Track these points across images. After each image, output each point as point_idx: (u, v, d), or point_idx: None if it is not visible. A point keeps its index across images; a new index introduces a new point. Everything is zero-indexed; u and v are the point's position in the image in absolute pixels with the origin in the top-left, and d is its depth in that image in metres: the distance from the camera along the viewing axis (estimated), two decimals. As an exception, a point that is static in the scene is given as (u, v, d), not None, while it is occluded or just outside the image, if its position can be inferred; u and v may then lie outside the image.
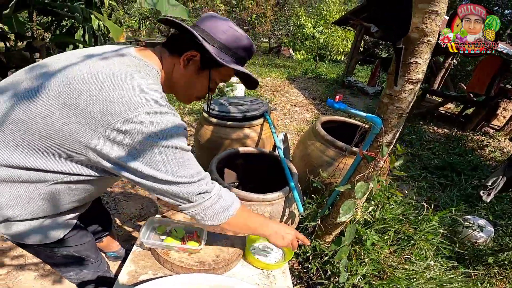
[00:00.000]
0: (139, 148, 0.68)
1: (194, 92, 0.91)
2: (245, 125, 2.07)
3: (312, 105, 5.43)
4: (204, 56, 0.82)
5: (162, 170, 0.72)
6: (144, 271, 1.02)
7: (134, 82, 0.71)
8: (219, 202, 0.85)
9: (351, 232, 1.30)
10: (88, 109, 0.66)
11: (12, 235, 0.84)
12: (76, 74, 0.70)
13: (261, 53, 12.35)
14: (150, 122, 0.68)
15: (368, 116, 1.20)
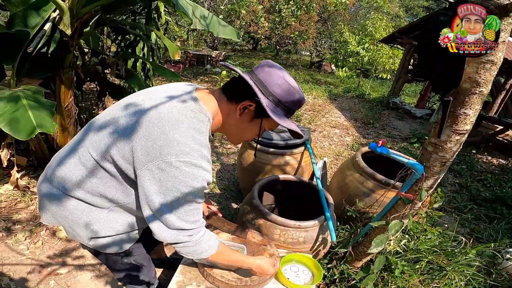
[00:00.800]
0: (164, 186, 0.82)
1: (245, 137, 1.02)
2: (286, 152, 2.23)
3: (353, 128, 5.40)
4: (259, 108, 0.89)
5: (173, 207, 0.85)
6: (190, 282, 1.21)
7: (186, 129, 0.82)
8: (195, 246, 0.96)
9: (381, 262, 1.38)
10: (147, 145, 0.81)
11: (97, 246, 1.07)
12: (155, 114, 0.84)
13: (302, 67, 12.47)
14: (184, 171, 0.81)
15: (409, 163, 1.28)
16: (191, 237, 0.93)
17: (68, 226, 1.01)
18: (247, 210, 1.70)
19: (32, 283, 1.78)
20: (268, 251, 1.39)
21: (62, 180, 0.93)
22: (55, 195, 0.96)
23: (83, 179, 0.91)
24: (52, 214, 1.00)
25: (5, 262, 1.91)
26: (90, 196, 0.94)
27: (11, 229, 2.18)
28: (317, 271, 1.36)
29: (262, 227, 1.59)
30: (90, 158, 0.89)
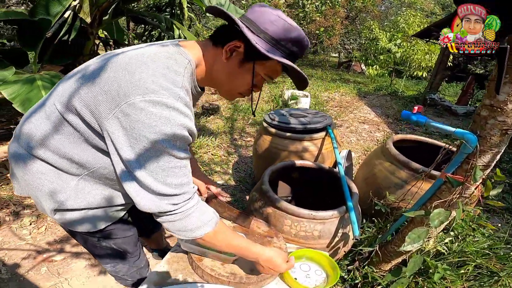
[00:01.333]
0: (131, 135, 0.66)
1: (236, 87, 0.83)
2: (304, 137, 1.97)
3: (385, 124, 4.97)
4: (249, 48, 0.74)
5: (145, 163, 0.68)
6: (175, 274, 0.99)
7: (156, 67, 0.68)
8: (183, 220, 0.76)
9: (416, 263, 1.07)
10: (110, 89, 0.67)
11: (65, 222, 0.90)
12: (117, 58, 0.72)
13: (329, 68, 12.05)
14: (150, 112, 0.64)
15: (457, 132, 0.99)
16: (176, 207, 0.74)
17: (34, 196, 0.86)
18: (256, 197, 1.46)
19: (23, 269, 1.67)
20: (273, 244, 1.14)
21: (28, 137, 0.80)
22: (20, 155, 0.83)
23: (47, 135, 0.77)
24: (19, 180, 0.86)
25: (4, 246, 1.84)
26: (56, 157, 0.79)
27: (19, 214, 2.12)
28: (333, 272, 1.08)
29: (271, 216, 1.34)
30: (54, 110, 0.76)
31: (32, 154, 0.80)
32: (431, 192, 1.14)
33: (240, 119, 4.37)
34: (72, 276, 1.65)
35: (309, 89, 6.87)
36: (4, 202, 2.20)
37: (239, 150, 3.40)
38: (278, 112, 2.30)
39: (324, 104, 5.78)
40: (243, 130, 3.99)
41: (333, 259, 1.11)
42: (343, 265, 1.52)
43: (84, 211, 0.88)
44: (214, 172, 2.85)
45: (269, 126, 2.08)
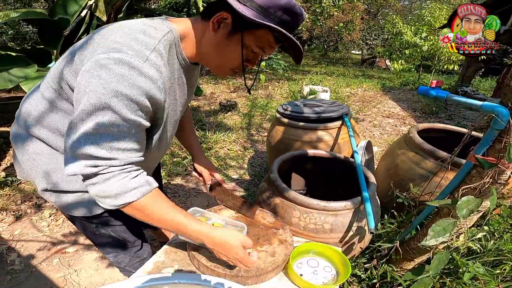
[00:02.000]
0: (84, 90, 0.61)
1: (227, 61, 0.78)
2: (318, 127, 1.85)
3: (411, 118, 4.68)
4: (235, 17, 0.71)
5: (83, 121, 0.62)
6: (171, 265, 0.93)
7: (130, 32, 0.66)
8: (102, 184, 0.67)
9: (441, 260, 0.93)
10: (85, 51, 0.68)
11: (62, 206, 0.89)
12: (106, 27, 0.71)
13: (352, 65, 11.68)
14: (110, 69, 0.60)
15: (485, 105, 0.86)
16: (98, 169, 0.65)
17: (32, 177, 0.87)
18: (264, 188, 1.38)
19: (36, 261, 1.70)
20: (278, 236, 1.05)
21: (26, 116, 0.82)
22: (19, 135, 0.85)
23: (43, 113, 0.79)
24: (18, 162, 0.89)
25: (22, 238, 1.88)
26: (51, 135, 0.80)
27: (41, 206, 2.19)
28: (344, 268, 0.97)
29: (279, 207, 1.25)
30: (49, 88, 0.77)
31: (30, 134, 0.82)
32: (459, 179, 0.99)
33: (257, 115, 4.30)
34: (82, 268, 1.65)
35: (329, 85, 6.66)
36: (27, 195, 2.27)
37: (255, 145, 3.33)
38: (292, 103, 2.20)
39: (345, 99, 5.56)
40: (260, 126, 3.92)
41: (344, 255, 1.00)
42: (359, 263, 1.39)
43: (79, 194, 0.87)
44: (229, 166, 2.80)
45: (281, 117, 1.99)
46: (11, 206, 2.14)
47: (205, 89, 5.78)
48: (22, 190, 2.33)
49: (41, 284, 1.55)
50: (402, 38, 8.94)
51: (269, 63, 6.83)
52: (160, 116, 0.75)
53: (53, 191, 0.86)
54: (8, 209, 2.10)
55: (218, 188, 1.21)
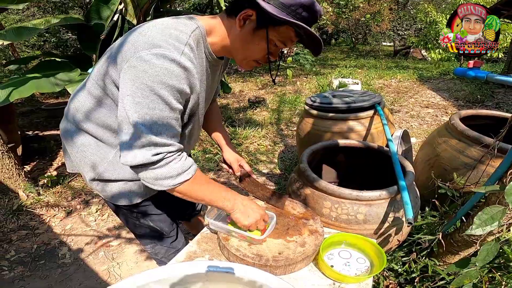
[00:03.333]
0: (134, 85, 0.68)
1: (252, 54, 0.84)
2: (349, 117, 1.79)
3: (454, 107, 4.36)
4: (260, 14, 0.76)
5: (142, 110, 0.69)
6: (202, 254, 0.95)
7: (164, 28, 0.73)
8: (164, 167, 0.74)
9: (490, 252, 0.85)
10: (125, 49, 0.73)
11: (107, 195, 0.98)
12: (139, 28, 0.77)
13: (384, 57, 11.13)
14: (154, 64, 0.67)
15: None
16: (161, 156, 0.73)
17: (80, 169, 0.97)
18: (294, 179, 1.36)
19: (85, 254, 1.84)
20: (309, 226, 1.03)
21: (74, 112, 0.91)
22: (68, 130, 0.93)
23: (90, 109, 0.87)
24: (69, 156, 0.98)
25: (72, 232, 2.05)
26: (98, 129, 0.89)
27: (89, 202, 2.37)
28: (378, 260, 0.92)
29: (309, 198, 1.23)
30: (95, 85, 0.85)
31: (78, 128, 0.91)
32: (507, 163, 0.90)
33: (286, 110, 4.27)
34: (123, 261, 1.76)
35: (360, 77, 6.41)
36: (77, 192, 2.47)
37: (285, 140, 3.31)
38: (320, 95, 2.15)
39: (378, 91, 5.33)
40: (289, 120, 3.90)
41: (378, 245, 0.95)
42: (397, 257, 1.32)
43: (121, 183, 0.95)
44: (259, 161, 2.81)
45: (310, 108, 1.95)
46: (63, 202, 2.34)
47: (234, 87, 5.85)
48: (72, 187, 2.53)
49: (88, 276, 1.68)
50: (437, 26, 8.39)
51: (296, 59, 6.75)
52: (195, 104, 0.83)
53: (99, 180, 0.94)
54: (60, 205, 2.29)
55: (247, 179, 1.22)
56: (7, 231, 2.04)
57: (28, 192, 2.37)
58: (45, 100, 5.50)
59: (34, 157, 3.09)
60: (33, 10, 8.10)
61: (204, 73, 0.85)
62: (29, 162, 2.99)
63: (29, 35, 2.29)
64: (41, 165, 2.95)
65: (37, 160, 3.05)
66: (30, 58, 3.76)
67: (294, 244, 0.95)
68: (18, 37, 2.23)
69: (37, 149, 3.19)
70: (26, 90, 2.16)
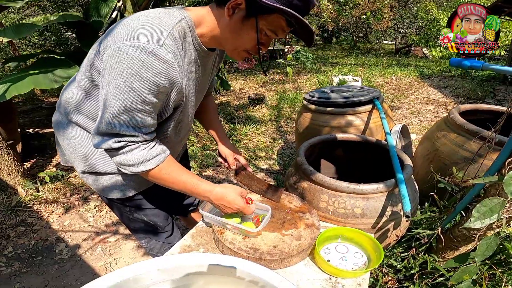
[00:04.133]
0: (110, 74, 0.68)
1: (242, 44, 0.82)
2: (347, 111, 1.78)
3: (454, 104, 4.33)
4: (249, 2, 0.74)
5: (113, 100, 0.69)
6: (197, 248, 0.94)
7: (148, 18, 0.71)
8: (126, 155, 0.76)
9: (490, 246, 0.83)
10: (108, 39, 0.72)
11: (99, 188, 0.97)
12: (127, 17, 0.76)
13: (385, 55, 11.09)
14: (131, 56, 0.66)
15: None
16: (122, 144, 0.75)
17: (72, 162, 0.97)
18: (291, 173, 1.35)
19: (82, 250, 1.83)
20: (305, 220, 1.02)
21: (65, 104, 0.90)
22: (60, 122, 0.93)
23: (80, 101, 0.87)
24: (61, 148, 0.97)
25: (70, 228, 2.04)
26: (87, 121, 0.88)
27: (87, 199, 2.36)
28: (376, 254, 0.91)
29: (306, 191, 1.22)
30: (83, 77, 0.84)
31: (69, 120, 0.90)
32: (506, 154, 0.89)
33: (286, 107, 4.25)
34: (120, 257, 1.75)
35: (360, 74, 6.39)
36: (75, 188, 2.47)
37: (284, 136, 3.30)
38: (319, 90, 2.13)
39: (378, 88, 5.30)
40: (289, 117, 3.89)
41: (375, 239, 0.94)
42: (396, 253, 1.31)
43: (113, 176, 0.94)
44: (258, 157, 2.80)
45: (308, 103, 1.94)
46: (61, 199, 2.34)
47: (234, 85, 5.84)
48: (71, 184, 2.53)
49: (84, 272, 1.67)
50: (439, 24, 8.34)
51: (297, 56, 6.72)
52: (180, 96, 0.80)
53: (90, 173, 0.94)
54: (59, 201, 2.29)
55: (243, 172, 1.21)
56: (5, 228, 2.03)
57: (27, 188, 2.37)
58: (46, 99, 5.51)
59: (34, 154, 3.09)
60: (34, 9, 8.10)
61: (192, 64, 0.82)
62: (29, 159, 2.99)
63: (28, 32, 2.28)
64: (40, 162, 2.94)
65: (37, 157, 3.05)
66: (29, 56, 3.76)
67: (289, 237, 0.94)
68: (17, 34, 2.22)
69: (37, 146, 3.19)
70: (24, 86, 2.15)
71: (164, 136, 0.89)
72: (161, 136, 0.87)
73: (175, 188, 0.86)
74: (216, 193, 0.89)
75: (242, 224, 0.94)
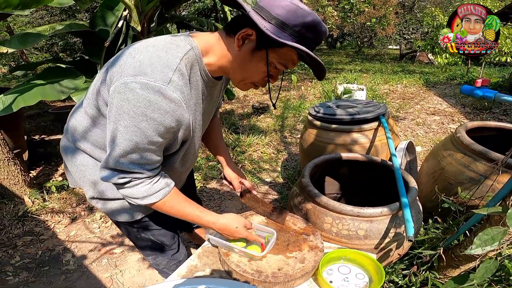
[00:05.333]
0: (117, 111, 0.68)
1: (250, 76, 0.80)
2: (353, 129, 1.78)
3: (461, 114, 4.31)
4: (260, 34, 0.71)
5: (118, 141, 0.70)
6: (203, 269, 0.96)
7: (154, 50, 0.70)
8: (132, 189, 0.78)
9: (488, 269, 0.85)
10: (114, 70, 0.72)
11: (108, 211, 0.98)
12: (130, 46, 0.75)
13: (389, 60, 11.09)
14: (138, 94, 0.65)
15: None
16: (127, 181, 0.77)
17: (81, 186, 0.97)
18: (296, 193, 1.36)
19: (88, 261, 1.85)
20: (309, 242, 1.03)
21: (73, 130, 0.90)
22: (68, 148, 0.94)
23: (86, 129, 0.87)
24: (69, 171, 0.98)
25: (76, 239, 2.06)
26: (94, 149, 0.88)
27: (93, 209, 2.38)
28: (377, 276, 0.92)
29: (310, 213, 1.22)
30: (90, 104, 0.83)
31: (76, 147, 0.90)
32: (511, 184, 0.89)
33: (290, 117, 4.26)
34: (126, 269, 1.77)
35: (365, 82, 6.39)
36: (81, 198, 2.49)
37: (288, 148, 3.31)
38: (324, 105, 2.14)
39: (383, 97, 5.29)
40: (293, 127, 3.89)
41: (377, 261, 0.95)
42: (397, 269, 1.31)
43: (121, 201, 0.95)
44: (262, 170, 2.81)
45: (313, 119, 1.95)
46: (67, 209, 2.36)
47: (238, 92, 5.87)
48: (77, 194, 2.55)
49: (91, 284, 1.68)
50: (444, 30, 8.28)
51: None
52: (187, 133, 0.80)
53: (99, 198, 0.95)
54: (65, 211, 2.31)
55: (248, 195, 1.22)
56: (12, 237, 2.06)
57: (33, 198, 2.40)
58: (52, 103, 5.57)
59: (39, 162, 3.12)
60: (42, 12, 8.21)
61: (199, 95, 0.81)
62: (35, 168, 3.02)
63: (34, 42, 2.30)
64: (46, 171, 2.98)
65: (43, 165, 3.09)
66: (37, 64, 3.81)
67: (293, 260, 0.95)
68: (23, 44, 2.24)
69: (43, 154, 3.22)
70: (32, 98, 2.18)
71: (171, 168, 0.90)
72: (167, 168, 0.88)
73: (180, 218, 0.89)
74: (220, 224, 0.92)
75: (248, 248, 0.96)
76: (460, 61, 9.44)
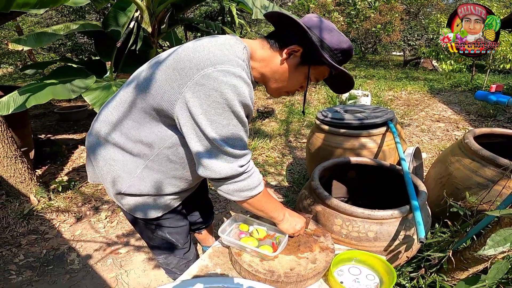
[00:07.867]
0: (206, 103, 0.70)
1: (287, 86, 0.90)
2: (361, 133, 1.79)
3: (465, 121, 4.30)
4: (308, 52, 0.82)
5: (219, 128, 0.73)
6: (214, 268, 0.96)
7: (219, 44, 0.76)
8: (247, 180, 0.81)
9: (500, 270, 0.85)
10: (183, 66, 0.73)
11: (130, 207, 0.97)
12: (183, 46, 0.79)
13: (393, 67, 11.11)
14: (222, 81, 0.69)
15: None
16: (244, 167, 0.80)
17: (104, 181, 0.96)
18: (305, 195, 1.36)
19: (93, 260, 1.84)
20: (320, 243, 1.03)
21: (103, 123, 0.89)
22: (96, 143, 0.92)
23: (120, 120, 0.86)
24: (93, 167, 0.97)
25: (81, 238, 2.06)
26: (127, 141, 0.86)
27: (99, 208, 2.38)
28: (388, 277, 0.92)
29: (320, 215, 1.23)
30: (126, 100, 0.84)
31: (107, 140, 0.88)
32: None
33: (295, 121, 4.28)
34: (131, 269, 1.76)
35: (370, 88, 6.41)
36: (87, 198, 2.49)
37: (293, 152, 3.31)
38: (331, 109, 2.15)
39: (387, 103, 5.30)
40: (298, 132, 3.90)
41: (388, 263, 0.95)
42: (404, 272, 1.31)
43: (146, 197, 0.94)
44: (268, 173, 2.81)
45: (321, 123, 1.96)
46: (73, 208, 2.36)
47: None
48: (83, 193, 2.56)
49: (96, 283, 1.67)
50: (450, 36, 8.31)
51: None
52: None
53: (124, 194, 0.93)
54: (70, 210, 2.32)
55: None
56: (17, 235, 2.06)
57: (39, 196, 2.41)
58: (57, 103, 5.61)
59: (45, 161, 3.14)
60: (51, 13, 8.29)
61: None
62: (41, 166, 3.04)
63: (49, 40, 2.33)
64: (52, 170, 2.99)
65: (49, 164, 3.10)
66: (47, 63, 3.85)
67: (305, 260, 0.95)
68: (38, 43, 2.27)
69: (48, 153, 3.24)
70: (43, 97, 2.21)
71: None
72: None
73: (266, 210, 0.92)
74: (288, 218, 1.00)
75: (260, 247, 0.96)
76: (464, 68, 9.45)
